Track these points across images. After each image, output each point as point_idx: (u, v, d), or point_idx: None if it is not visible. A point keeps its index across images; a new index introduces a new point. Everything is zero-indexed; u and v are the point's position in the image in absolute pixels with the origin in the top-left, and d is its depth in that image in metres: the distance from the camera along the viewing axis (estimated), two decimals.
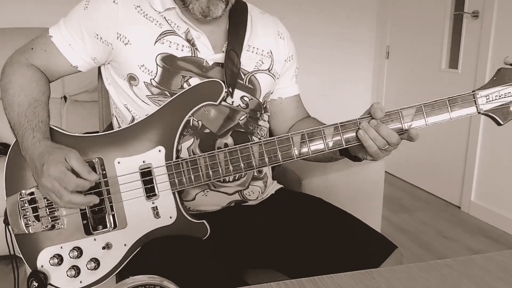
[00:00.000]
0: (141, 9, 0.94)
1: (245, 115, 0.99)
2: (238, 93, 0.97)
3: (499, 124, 0.85)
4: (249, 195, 1.01)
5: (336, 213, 1.01)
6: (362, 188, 1.45)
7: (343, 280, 0.69)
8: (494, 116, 0.84)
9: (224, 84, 0.90)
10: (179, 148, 0.92)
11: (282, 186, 1.14)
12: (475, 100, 0.84)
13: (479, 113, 0.84)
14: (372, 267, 0.82)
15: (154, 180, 0.87)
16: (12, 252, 0.93)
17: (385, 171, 1.53)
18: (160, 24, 0.94)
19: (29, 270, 0.90)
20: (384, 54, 3.25)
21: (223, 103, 0.95)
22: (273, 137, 0.86)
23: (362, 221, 0.99)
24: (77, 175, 0.81)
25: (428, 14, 2.82)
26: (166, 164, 0.87)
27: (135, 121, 0.95)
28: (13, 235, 0.91)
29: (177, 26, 0.94)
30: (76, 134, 0.91)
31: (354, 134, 0.84)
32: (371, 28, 3.28)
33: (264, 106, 1.05)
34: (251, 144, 0.85)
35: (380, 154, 0.85)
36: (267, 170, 1.07)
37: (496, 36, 2.34)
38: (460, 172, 2.64)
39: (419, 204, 2.77)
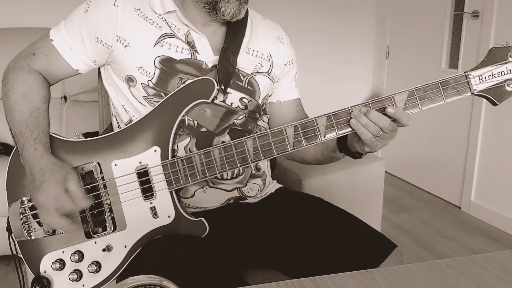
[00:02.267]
0: (141, 12, 0.94)
1: (244, 115, 0.99)
2: (237, 94, 0.98)
3: (494, 104, 0.83)
4: (248, 192, 1.02)
5: (336, 213, 1.01)
6: (362, 188, 1.45)
7: (343, 280, 0.69)
8: (489, 96, 0.83)
9: (216, 82, 0.91)
10: (176, 148, 0.93)
11: (281, 185, 1.14)
12: (468, 81, 0.82)
13: (472, 94, 0.83)
14: (372, 266, 0.82)
15: (151, 180, 0.87)
16: (16, 260, 0.94)
17: (385, 171, 1.53)
18: (160, 26, 0.94)
19: (30, 275, 0.90)
20: (384, 54, 3.25)
21: (221, 103, 0.96)
22: (266, 131, 0.85)
23: (362, 220, 0.99)
24: (72, 197, 0.82)
25: (428, 14, 2.82)
26: (161, 163, 0.87)
27: (132, 123, 0.95)
28: (16, 242, 0.91)
29: (178, 29, 0.94)
30: (73, 140, 0.92)
31: (346, 123, 0.84)
32: (371, 28, 3.28)
33: (263, 108, 1.05)
34: (245, 138, 0.86)
35: (376, 142, 0.84)
36: (266, 168, 1.07)
37: (496, 36, 2.34)
38: (460, 172, 2.64)
39: (419, 204, 2.76)
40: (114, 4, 0.92)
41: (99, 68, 1.06)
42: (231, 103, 0.97)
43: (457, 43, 2.62)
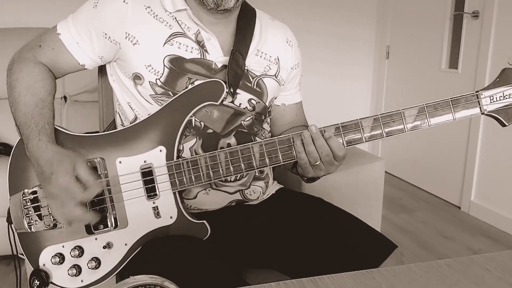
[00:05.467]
0: (151, 10, 0.93)
1: (251, 116, 0.99)
2: (246, 95, 0.98)
3: (503, 125, 0.84)
4: (250, 195, 1.02)
5: (336, 213, 1.01)
6: (362, 188, 1.45)
7: (343, 280, 0.69)
8: (498, 117, 0.83)
9: (226, 84, 0.91)
10: (181, 148, 0.93)
11: (282, 186, 1.14)
12: (478, 101, 0.83)
13: (482, 113, 0.83)
14: (373, 266, 0.82)
15: (154, 180, 0.87)
16: (14, 251, 0.93)
17: (385, 171, 1.53)
18: (170, 25, 0.93)
19: (29, 270, 0.90)
20: (384, 54, 3.25)
21: (229, 104, 0.96)
22: (273, 138, 0.86)
23: (362, 220, 0.99)
24: (84, 183, 0.81)
25: (428, 14, 2.82)
26: (166, 164, 0.87)
27: (137, 120, 0.95)
28: (15, 234, 0.91)
29: (188, 28, 0.94)
30: (78, 134, 0.91)
31: (355, 135, 0.84)
32: (371, 28, 3.28)
33: (269, 110, 1.05)
34: (252, 144, 0.86)
35: (309, 168, 0.86)
36: (269, 171, 1.07)
37: (496, 36, 2.34)
38: (460, 172, 2.64)
39: (419, 204, 2.77)
40: (124, 1, 0.92)
41: (101, 66, 1.06)
42: (240, 104, 0.97)
43: (457, 43, 2.63)
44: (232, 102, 0.96)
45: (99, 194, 0.87)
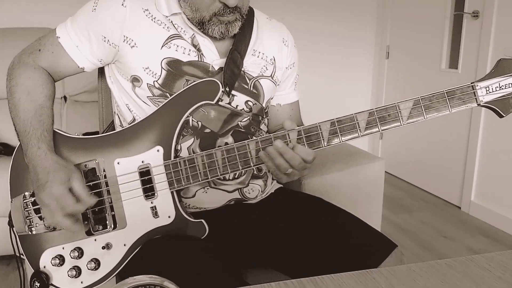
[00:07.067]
0: (149, 13, 0.94)
1: (248, 117, 0.99)
2: (242, 97, 0.98)
3: (501, 116, 0.83)
4: (249, 193, 1.02)
5: (336, 212, 1.01)
6: (362, 188, 1.45)
7: (343, 280, 0.69)
8: (495, 108, 0.83)
9: (221, 83, 0.91)
10: (179, 148, 0.93)
11: (281, 185, 1.14)
12: (474, 92, 0.82)
13: (479, 105, 0.83)
14: (372, 266, 0.82)
15: (152, 179, 0.87)
16: (17, 254, 0.94)
17: (385, 171, 1.53)
18: (167, 27, 0.94)
19: (30, 271, 0.90)
20: (384, 54, 3.25)
21: (226, 105, 0.96)
22: (269, 135, 0.86)
23: (362, 220, 0.99)
24: (77, 196, 0.82)
25: (428, 14, 2.82)
26: (164, 163, 0.87)
27: (135, 121, 0.95)
28: (17, 236, 0.91)
29: (184, 31, 0.95)
30: (77, 136, 0.92)
31: (350, 130, 0.83)
32: (371, 28, 3.28)
33: (266, 111, 1.05)
34: (248, 141, 0.86)
35: (281, 175, 0.86)
36: (267, 169, 1.07)
37: (496, 36, 2.34)
38: (460, 172, 2.64)
39: (419, 204, 2.77)
40: (122, 4, 0.92)
41: (101, 67, 1.06)
42: (237, 106, 0.97)
43: (457, 43, 2.62)
44: (229, 103, 0.96)
45: (98, 195, 0.88)
